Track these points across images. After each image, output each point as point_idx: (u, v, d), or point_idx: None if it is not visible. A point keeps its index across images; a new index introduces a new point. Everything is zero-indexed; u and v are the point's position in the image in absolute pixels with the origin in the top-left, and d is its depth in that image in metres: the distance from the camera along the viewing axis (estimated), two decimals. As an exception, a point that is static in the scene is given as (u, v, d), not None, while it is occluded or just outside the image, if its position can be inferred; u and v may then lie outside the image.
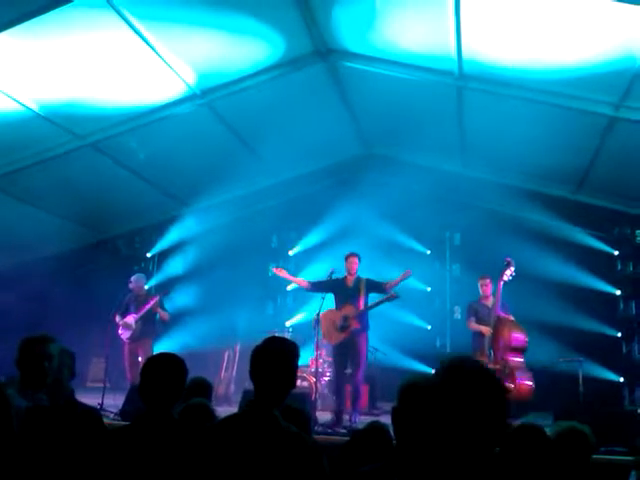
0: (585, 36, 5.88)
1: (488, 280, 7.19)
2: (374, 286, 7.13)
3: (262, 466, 2.21)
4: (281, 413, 2.74)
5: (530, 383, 6.34)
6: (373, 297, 7.14)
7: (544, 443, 2.40)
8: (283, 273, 7.51)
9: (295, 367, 2.52)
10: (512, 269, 6.77)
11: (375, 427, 2.78)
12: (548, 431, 2.90)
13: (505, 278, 6.78)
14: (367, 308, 6.98)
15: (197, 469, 2.27)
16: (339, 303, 7.09)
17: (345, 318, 6.91)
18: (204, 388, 3.79)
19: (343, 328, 6.89)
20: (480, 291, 7.28)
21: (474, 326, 7.07)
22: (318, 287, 7.26)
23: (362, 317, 6.94)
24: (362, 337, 6.94)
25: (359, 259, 7.19)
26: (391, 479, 1.93)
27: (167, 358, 2.74)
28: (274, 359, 2.46)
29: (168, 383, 2.61)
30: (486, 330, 6.79)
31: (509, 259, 6.85)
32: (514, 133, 7.90)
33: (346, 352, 6.91)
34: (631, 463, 2.83)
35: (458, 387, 1.53)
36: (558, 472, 2.59)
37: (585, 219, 9.45)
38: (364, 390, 8.44)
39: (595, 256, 9.34)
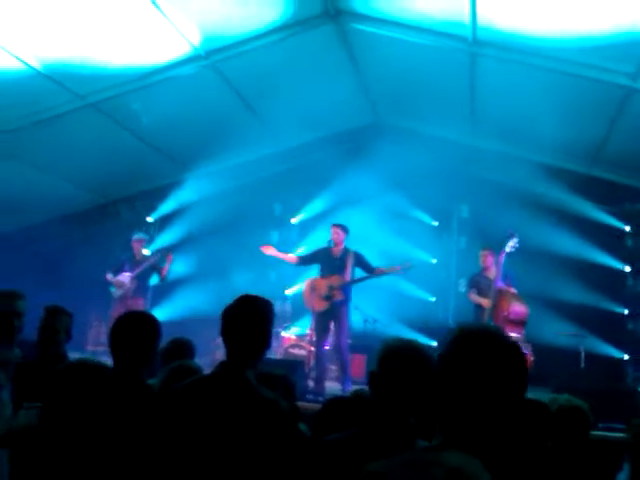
0: (603, 4, 5.64)
1: (487, 252, 7.09)
2: (363, 264, 7.14)
3: (232, 429, 2.13)
4: (265, 379, 2.65)
5: (529, 356, 6.25)
6: (359, 272, 7.16)
7: (547, 418, 2.29)
8: (271, 251, 7.42)
9: (269, 327, 2.41)
10: (515, 240, 6.65)
11: (357, 395, 2.70)
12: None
13: (507, 249, 6.66)
14: (353, 281, 7.00)
15: (163, 432, 2.18)
16: (324, 272, 7.14)
17: (330, 288, 6.93)
18: (186, 349, 3.68)
19: (327, 297, 6.92)
20: (480, 263, 7.18)
21: (474, 298, 6.99)
22: (305, 261, 7.36)
23: (346, 289, 6.98)
24: (344, 309, 6.99)
25: (344, 230, 7.20)
26: (360, 448, 1.85)
27: (136, 317, 2.64)
28: (246, 318, 2.36)
29: (137, 343, 2.51)
30: (486, 302, 6.69)
31: (512, 230, 6.73)
32: (527, 103, 7.67)
33: (328, 322, 6.99)
34: (626, 440, 2.74)
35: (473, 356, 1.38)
36: (556, 448, 2.49)
37: (596, 193, 9.23)
38: (361, 360, 8.43)
39: (605, 231, 9.16)
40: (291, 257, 7.46)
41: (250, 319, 2.36)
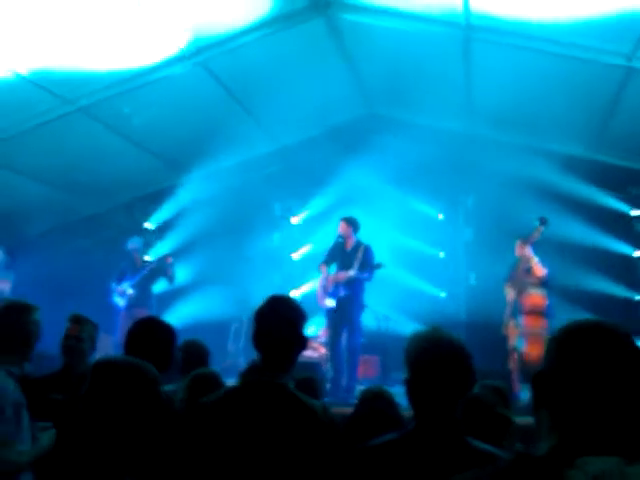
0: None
1: (519, 242, 6.84)
2: (366, 259, 6.90)
3: (273, 439, 1.96)
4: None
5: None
6: None
7: None
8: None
9: (303, 328, 2.29)
10: (541, 229, 6.42)
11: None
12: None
13: (532, 240, 6.45)
14: (354, 276, 6.74)
15: (193, 451, 2.01)
16: (337, 268, 7.01)
17: (336, 284, 6.82)
18: (202, 354, 3.51)
19: (333, 294, 6.81)
20: (516, 253, 6.94)
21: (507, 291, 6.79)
22: (328, 263, 7.16)
23: (352, 284, 6.77)
24: (353, 304, 6.79)
25: (350, 223, 7.04)
26: (409, 452, 1.74)
27: (151, 323, 2.48)
28: (281, 319, 2.22)
29: (152, 350, 2.35)
30: (510, 295, 6.51)
31: (544, 217, 6.51)
32: (525, 89, 7.54)
33: (339, 318, 6.80)
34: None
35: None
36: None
37: (601, 178, 9.02)
38: (374, 361, 8.21)
39: (612, 216, 8.98)
40: (323, 272, 7.16)
41: (285, 320, 2.23)
